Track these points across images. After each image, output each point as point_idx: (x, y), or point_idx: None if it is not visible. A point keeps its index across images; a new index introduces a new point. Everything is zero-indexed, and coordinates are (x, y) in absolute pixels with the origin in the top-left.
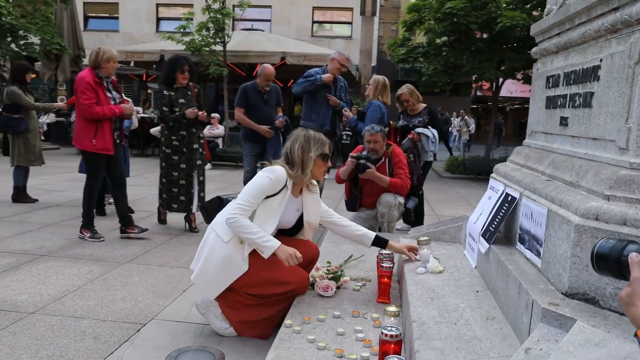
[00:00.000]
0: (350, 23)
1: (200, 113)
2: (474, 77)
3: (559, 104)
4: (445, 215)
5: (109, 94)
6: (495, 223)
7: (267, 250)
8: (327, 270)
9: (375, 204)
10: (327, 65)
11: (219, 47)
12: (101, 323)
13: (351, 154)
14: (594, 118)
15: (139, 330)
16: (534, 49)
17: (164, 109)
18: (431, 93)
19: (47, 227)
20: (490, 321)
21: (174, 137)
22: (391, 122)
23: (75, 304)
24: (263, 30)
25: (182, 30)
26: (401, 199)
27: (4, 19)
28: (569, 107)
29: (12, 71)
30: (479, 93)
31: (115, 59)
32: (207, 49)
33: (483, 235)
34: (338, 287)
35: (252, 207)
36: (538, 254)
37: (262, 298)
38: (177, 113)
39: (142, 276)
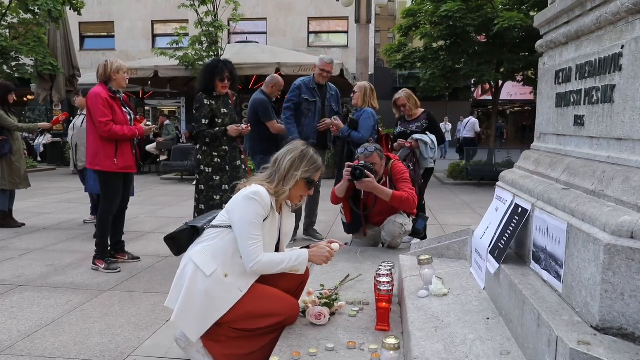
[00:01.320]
0: (347, 32)
1: (243, 127)
2: (472, 81)
3: (572, 101)
4: (448, 224)
5: (124, 109)
6: (505, 239)
7: (302, 267)
8: (320, 294)
9: (384, 222)
10: (314, 74)
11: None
12: None
13: (347, 163)
14: (617, 115)
15: None
16: (538, 42)
17: (204, 121)
18: (430, 99)
19: (30, 253)
20: (504, 357)
21: (215, 154)
22: (380, 129)
23: (46, 341)
24: (258, 42)
25: (174, 45)
26: (408, 227)
27: None
28: (584, 103)
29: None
30: (485, 97)
31: (124, 69)
32: (200, 63)
33: (491, 253)
34: (332, 314)
35: (261, 238)
36: (558, 277)
37: (248, 331)
38: (217, 128)
39: (123, 305)
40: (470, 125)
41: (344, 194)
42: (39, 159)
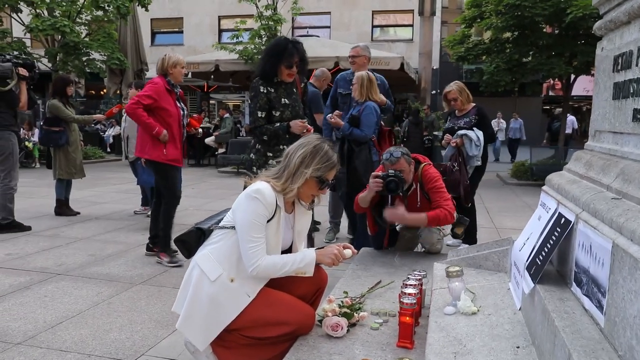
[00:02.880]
0: (412, 25)
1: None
2: (542, 75)
3: (632, 91)
4: (505, 228)
5: (178, 104)
6: (544, 254)
7: (308, 269)
8: (341, 302)
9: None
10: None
11: None
12: (85, 359)
13: (374, 173)
14: None
15: None
16: (597, 24)
17: (259, 114)
18: (498, 94)
19: (77, 242)
20: None
21: (270, 154)
22: (382, 122)
23: (67, 334)
24: (318, 36)
25: (235, 39)
26: (446, 230)
27: (67, 37)
28: None
29: (53, 84)
30: (551, 93)
31: (181, 63)
32: (259, 56)
33: (528, 269)
34: (353, 325)
35: (263, 241)
36: (600, 307)
37: (258, 340)
38: (277, 124)
39: (150, 300)
40: (568, 122)
41: (369, 204)
42: (108, 149)
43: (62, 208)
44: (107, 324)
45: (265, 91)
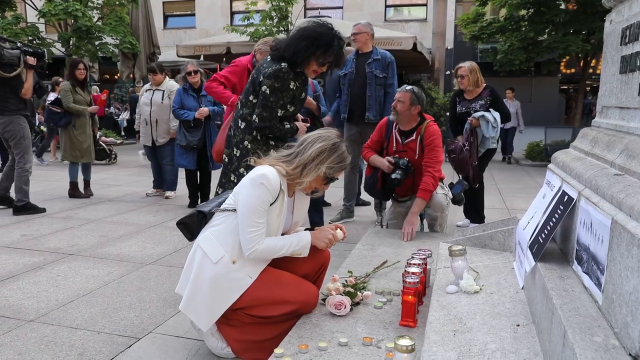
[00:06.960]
0: (425, 5)
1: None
2: (558, 54)
3: (639, 64)
4: (516, 209)
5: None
6: (546, 232)
7: (304, 250)
8: (345, 282)
9: (410, 191)
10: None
11: (282, 36)
12: (95, 335)
13: (388, 158)
14: None
15: (130, 346)
16: None
17: (280, 112)
18: (514, 74)
19: (90, 223)
20: None
21: (272, 143)
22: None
23: (77, 312)
24: (330, 17)
25: (246, 21)
26: (450, 193)
27: (80, 21)
28: None
29: (68, 67)
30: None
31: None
32: (271, 38)
33: (530, 248)
34: (357, 304)
35: (264, 226)
36: (598, 284)
37: (262, 318)
38: (287, 126)
39: (159, 279)
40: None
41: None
42: (122, 133)
43: (75, 190)
44: (116, 303)
45: (294, 88)
